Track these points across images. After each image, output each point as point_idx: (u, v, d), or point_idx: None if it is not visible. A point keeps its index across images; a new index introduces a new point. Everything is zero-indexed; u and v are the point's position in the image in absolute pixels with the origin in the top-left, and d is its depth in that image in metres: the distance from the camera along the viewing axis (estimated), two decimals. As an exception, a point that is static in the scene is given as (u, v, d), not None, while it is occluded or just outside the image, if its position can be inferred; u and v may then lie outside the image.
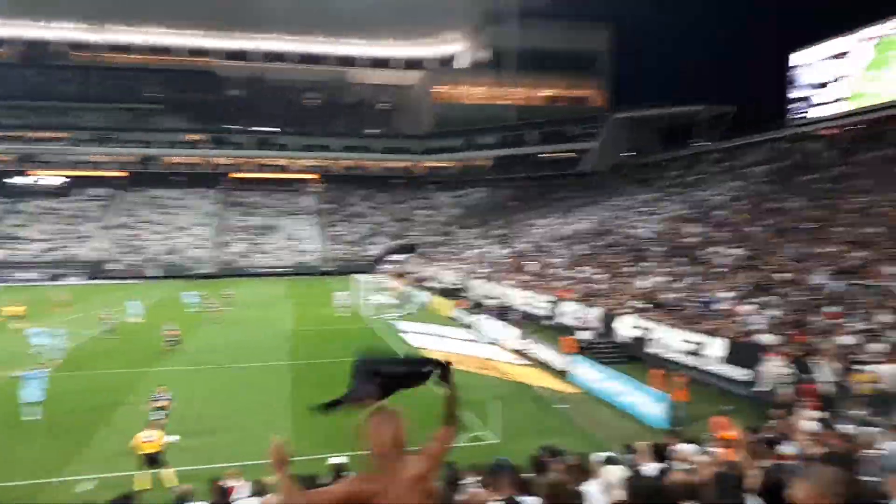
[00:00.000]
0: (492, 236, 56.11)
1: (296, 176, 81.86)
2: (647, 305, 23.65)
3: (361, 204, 77.46)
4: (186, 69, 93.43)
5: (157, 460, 12.48)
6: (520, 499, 4.80)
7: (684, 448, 10.23)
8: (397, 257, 61.74)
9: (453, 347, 26.01)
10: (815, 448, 7.21)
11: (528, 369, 22.42)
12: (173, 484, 11.66)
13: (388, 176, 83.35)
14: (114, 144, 77.87)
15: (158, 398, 15.72)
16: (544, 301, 30.26)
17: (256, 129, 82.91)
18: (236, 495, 9.15)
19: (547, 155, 76.21)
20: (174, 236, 65.78)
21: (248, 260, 62.89)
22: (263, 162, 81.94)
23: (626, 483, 4.96)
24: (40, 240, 62.76)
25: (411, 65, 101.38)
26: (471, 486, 7.48)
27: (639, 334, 22.33)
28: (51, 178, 74.54)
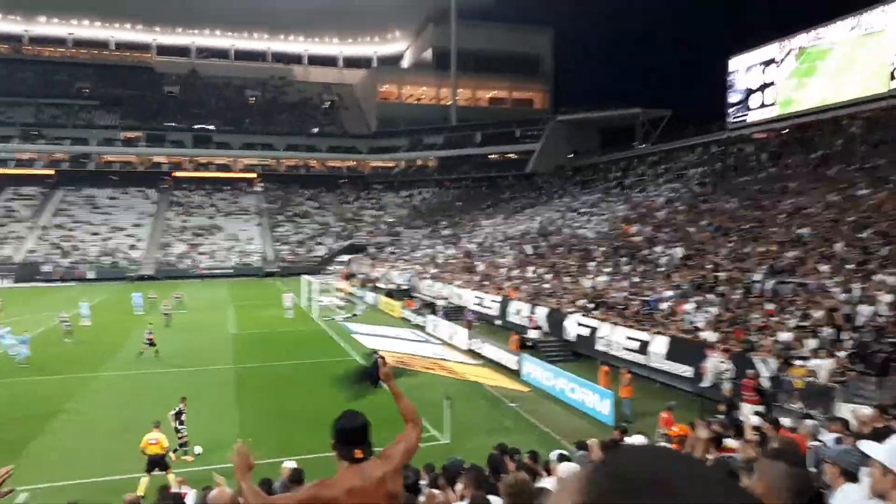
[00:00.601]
0: (439, 236, 56.35)
1: (238, 175, 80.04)
2: (592, 304, 24.26)
3: (307, 204, 76.41)
4: (121, 64, 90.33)
5: (159, 464, 12.34)
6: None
7: (634, 443, 10.65)
8: (345, 258, 61.21)
9: (404, 348, 26.06)
10: (758, 442, 7.62)
11: (479, 368, 22.70)
12: (141, 493, 11.37)
13: (333, 175, 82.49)
14: (44, 141, 74.50)
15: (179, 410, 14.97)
16: (493, 301, 30.64)
17: (196, 127, 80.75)
18: (187, 501, 9.04)
19: (493, 156, 77.00)
20: (111, 237, 63.41)
21: (190, 261, 61.23)
22: (204, 160, 79.86)
23: None
24: (-36, 241, 59.59)
25: (354, 63, 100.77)
26: (424, 486, 7.61)
27: (585, 332, 22.89)
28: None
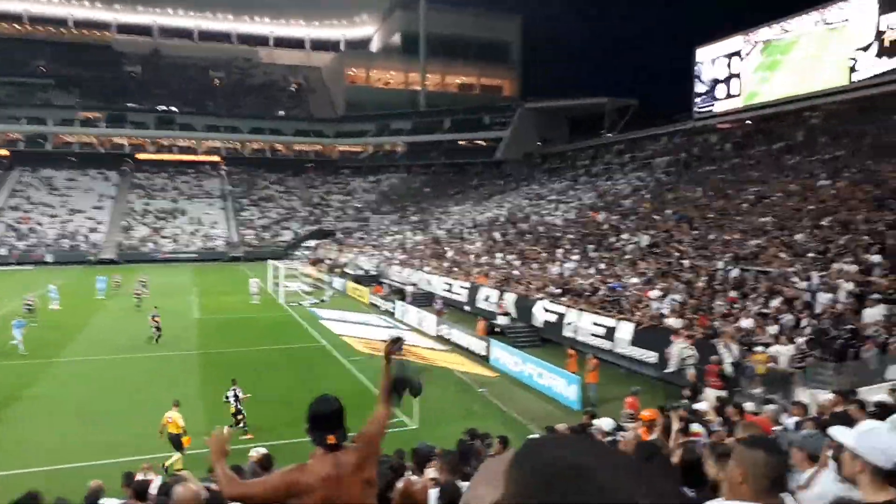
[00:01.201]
0: (408, 222, 56.20)
1: (202, 158, 78.46)
2: (559, 291, 24.49)
3: (272, 188, 75.35)
4: (80, 42, 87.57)
5: (177, 442, 12.44)
6: (460, 483, 4.79)
7: (601, 426, 10.82)
8: (312, 243, 60.65)
9: (372, 334, 25.96)
10: (726, 426, 7.80)
11: (448, 354, 22.78)
12: (177, 467, 11.44)
13: (300, 159, 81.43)
14: (-2, 120, 71.95)
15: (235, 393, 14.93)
16: (462, 287, 30.72)
17: (158, 108, 78.88)
18: (151, 489, 8.91)
19: (461, 143, 76.93)
20: (70, 220, 61.73)
21: (152, 245, 60.02)
22: (167, 143, 78.14)
23: None
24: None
25: (322, 46, 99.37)
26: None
27: (553, 319, 23.12)
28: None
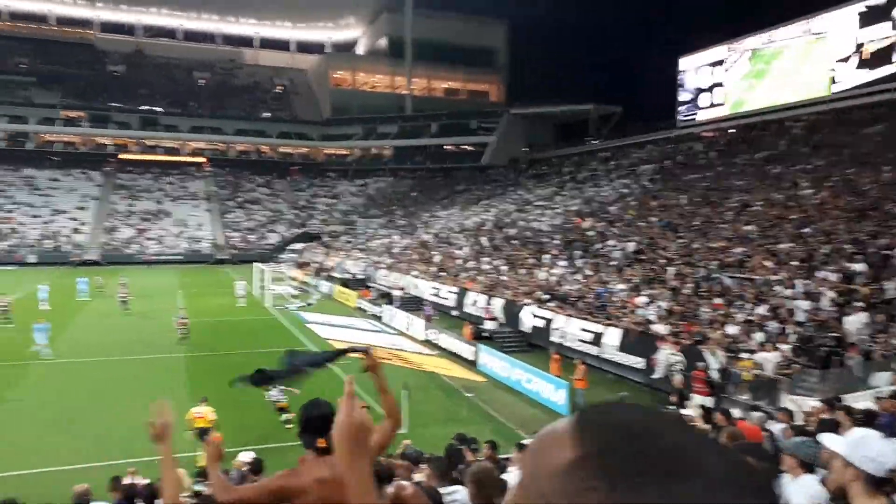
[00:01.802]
0: (395, 226, 56.20)
1: (187, 159, 77.87)
2: (547, 296, 24.67)
3: (258, 190, 74.95)
4: (61, 40, 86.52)
5: (203, 436, 12.40)
6: (445, 489, 4.82)
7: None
8: (298, 246, 60.40)
9: (360, 338, 26.00)
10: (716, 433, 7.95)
11: (436, 359, 22.84)
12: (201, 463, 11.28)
13: (285, 162, 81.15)
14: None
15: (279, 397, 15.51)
16: (450, 291, 30.81)
17: (142, 108, 78.22)
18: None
19: (448, 147, 77.11)
20: (53, 220, 60.97)
21: (136, 246, 59.47)
22: (151, 143, 77.51)
23: None
24: None
25: (307, 48, 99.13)
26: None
27: (540, 324, 23.28)
28: None
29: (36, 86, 77.18)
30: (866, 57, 32.88)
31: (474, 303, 28.07)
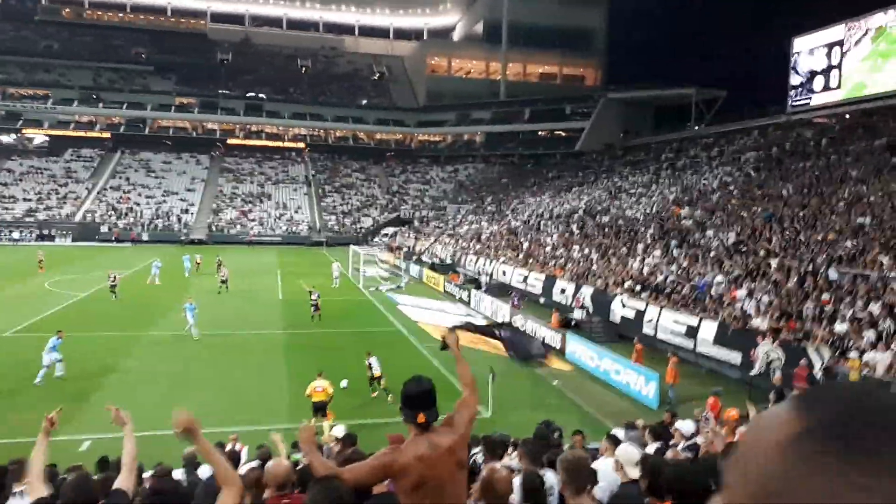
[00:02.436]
0: (484, 212, 56.28)
1: (288, 144, 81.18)
2: (639, 287, 24.03)
3: (354, 175, 77.09)
4: (176, 30, 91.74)
5: (322, 409, 13.42)
6: (541, 471, 4.82)
7: (682, 427, 10.59)
8: (390, 230, 61.76)
9: (446, 321, 26.27)
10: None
11: (522, 346, 22.74)
12: (329, 432, 11.89)
13: (380, 148, 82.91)
14: (102, 105, 76.55)
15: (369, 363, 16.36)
16: (537, 279, 30.59)
17: (248, 95, 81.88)
18: (243, 459, 9.42)
19: (541, 133, 76.19)
20: (165, 201, 65.21)
21: (239, 227, 62.61)
22: (255, 129, 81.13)
23: (642, 462, 4.72)
24: (26, 199, 62.01)
25: (405, 35, 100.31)
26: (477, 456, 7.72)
27: (631, 315, 22.73)
28: (37, 136, 73.48)
29: (152, 74, 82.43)
30: None
31: (562, 291, 27.75)
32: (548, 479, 4.63)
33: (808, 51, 40.66)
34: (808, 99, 40.77)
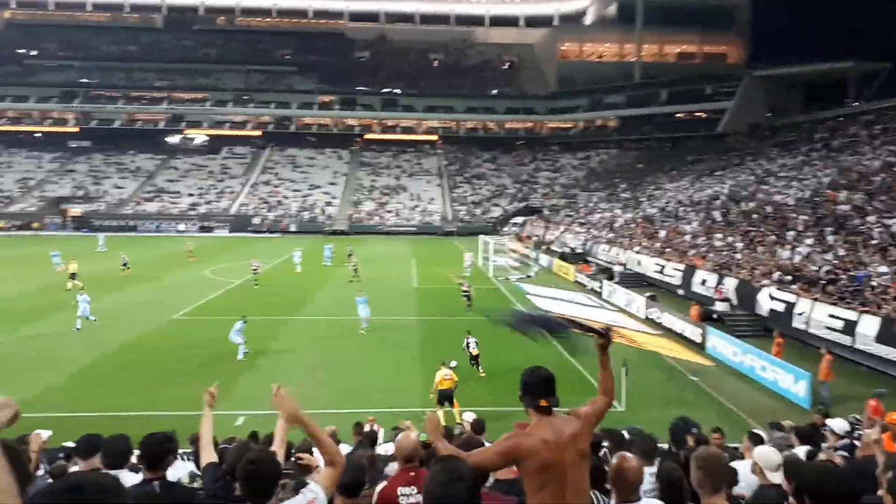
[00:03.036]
0: (617, 200, 54.70)
1: (421, 137, 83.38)
2: (789, 278, 22.41)
3: (484, 165, 77.75)
4: (316, 31, 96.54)
5: (449, 397, 14.06)
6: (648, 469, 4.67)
7: (834, 428, 9.79)
8: (520, 219, 61.75)
9: (578, 312, 25.87)
10: None
11: (658, 338, 22.02)
12: (457, 420, 12.35)
13: (510, 137, 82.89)
14: (253, 105, 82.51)
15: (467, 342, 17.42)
16: (675, 269, 29.39)
17: (384, 91, 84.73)
18: (379, 440, 9.93)
19: (678, 115, 72.61)
20: (310, 194, 69.34)
21: (377, 218, 65.29)
22: (391, 123, 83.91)
23: (786, 466, 4.33)
24: (189, 194, 68.28)
25: (536, 23, 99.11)
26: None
27: (780, 308, 21.28)
28: (198, 136, 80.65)
29: (296, 74, 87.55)
30: None
31: (703, 282, 26.48)
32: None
33: None
34: None
